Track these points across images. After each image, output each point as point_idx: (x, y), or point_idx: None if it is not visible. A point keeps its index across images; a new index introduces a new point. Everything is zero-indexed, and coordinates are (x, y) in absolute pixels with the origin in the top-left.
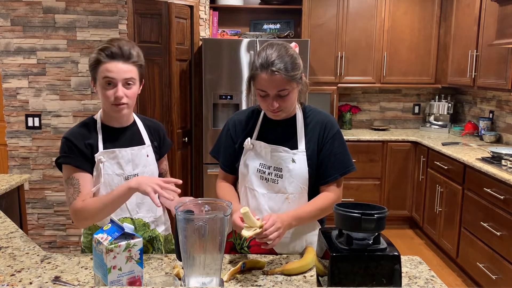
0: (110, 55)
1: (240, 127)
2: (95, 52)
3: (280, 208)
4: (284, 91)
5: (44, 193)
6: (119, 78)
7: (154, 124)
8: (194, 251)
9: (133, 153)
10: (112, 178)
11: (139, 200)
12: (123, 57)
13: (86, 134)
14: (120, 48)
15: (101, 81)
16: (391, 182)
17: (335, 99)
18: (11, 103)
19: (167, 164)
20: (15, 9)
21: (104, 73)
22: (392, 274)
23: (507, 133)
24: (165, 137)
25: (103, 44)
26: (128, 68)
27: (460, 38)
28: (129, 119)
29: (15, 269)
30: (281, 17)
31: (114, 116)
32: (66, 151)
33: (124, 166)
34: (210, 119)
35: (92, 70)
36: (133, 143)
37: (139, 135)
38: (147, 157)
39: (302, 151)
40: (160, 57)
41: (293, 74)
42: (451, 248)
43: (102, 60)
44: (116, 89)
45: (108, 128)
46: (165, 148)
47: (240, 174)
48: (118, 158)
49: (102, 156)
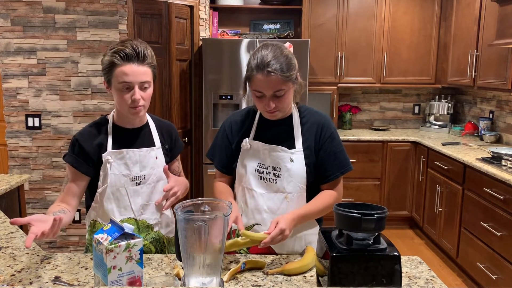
0: (125, 57)
1: (236, 128)
2: (109, 54)
3: (279, 208)
4: (280, 92)
5: (44, 193)
6: (135, 81)
7: (167, 126)
8: (194, 251)
9: (141, 155)
10: (118, 179)
11: (144, 201)
12: (138, 59)
13: (96, 134)
14: (134, 49)
15: (117, 85)
16: (391, 182)
17: (335, 99)
18: (11, 103)
19: (180, 165)
20: (15, 9)
21: (121, 77)
22: (392, 274)
23: (507, 133)
24: (177, 139)
25: (116, 46)
26: (143, 71)
27: (460, 38)
28: (142, 120)
29: (15, 269)
30: (281, 17)
31: (130, 118)
32: (71, 151)
33: (131, 167)
34: (210, 119)
35: (107, 73)
36: (143, 145)
37: (150, 137)
38: (156, 159)
39: (300, 150)
40: (160, 57)
41: (289, 74)
42: (451, 248)
43: (117, 62)
44: (133, 92)
45: (120, 129)
46: (177, 150)
47: (238, 174)
48: (126, 158)
49: (110, 156)
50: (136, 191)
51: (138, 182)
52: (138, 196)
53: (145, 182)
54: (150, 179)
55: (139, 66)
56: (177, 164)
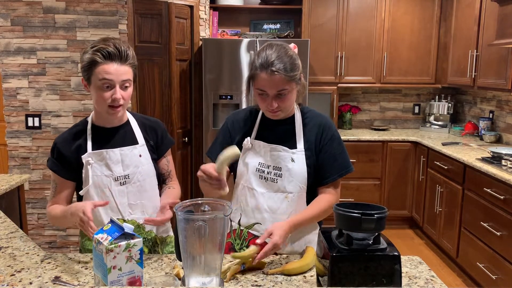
0: (107, 56)
1: (238, 126)
2: (90, 52)
3: (279, 207)
4: (284, 91)
5: (44, 193)
6: (117, 80)
7: (151, 123)
8: (194, 251)
9: (122, 154)
10: (101, 180)
11: (131, 201)
12: (120, 58)
13: (75, 138)
14: (117, 48)
15: (98, 82)
16: (391, 182)
17: (335, 99)
18: (11, 103)
19: (171, 163)
20: (15, 9)
21: (102, 74)
22: (392, 274)
23: (507, 133)
24: (164, 135)
25: (98, 44)
26: (125, 70)
27: (460, 38)
28: (121, 119)
29: (15, 269)
30: (281, 17)
31: (108, 118)
32: (52, 156)
33: (113, 167)
34: (210, 119)
35: (87, 71)
36: (125, 143)
37: (131, 135)
38: (140, 157)
39: (301, 150)
40: (160, 57)
41: (293, 74)
42: (451, 248)
43: (99, 60)
44: (114, 90)
45: (99, 129)
46: (165, 146)
47: (239, 173)
48: (106, 159)
49: (90, 158)
50: (121, 191)
51: (123, 182)
52: (124, 196)
53: (130, 182)
54: (135, 178)
55: (121, 66)
56: (166, 161)
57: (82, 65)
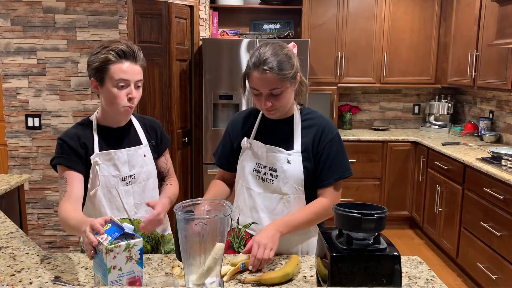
0: (122, 55)
1: (238, 127)
2: (103, 52)
3: (275, 208)
4: (276, 90)
5: (44, 193)
6: (132, 79)
7: (150, 122)
8: (194, 251)
9: (129, 154)
10: (108, 180)
11: (137, 200)
12: (134, 58)
13: (81, 135)
14: (130, 48)
15: (114, 82)
16: (391, 182)
17: (335, 99)
18: (11, 103)
19: (169, 160)
20: (15, 9)
21: (118, 74)
22: (392, 274)
23: (507, 133)
24: (162, 134)
25: (110, 45)
26: (138, 70)
27: (460, 38)
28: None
29: (15, 269)
30: (281, 17)
31: (117, 118)
32: (60, 152)
33: (121, 167)
34: (210, 119)
35: (100, 71)
36: (130, 144)
37: (135, 135)
38: (144, 157)
39: (298, 151)
40: (160, 57)
41: (285, 73)
42: (451, 248)
43: (113, 59)
44: (130, 90)
45: (104, 128)
46: (163, 145)
47: (238, 172)
48: (114, 159)
49: (98, 158)
50: (127, 191)
51: (129, 182)
52: (130, 196)
53: (135, 182)
54: (140, 178)
55: (135, 65)
56: (164, 160)
57: (93, 66)
